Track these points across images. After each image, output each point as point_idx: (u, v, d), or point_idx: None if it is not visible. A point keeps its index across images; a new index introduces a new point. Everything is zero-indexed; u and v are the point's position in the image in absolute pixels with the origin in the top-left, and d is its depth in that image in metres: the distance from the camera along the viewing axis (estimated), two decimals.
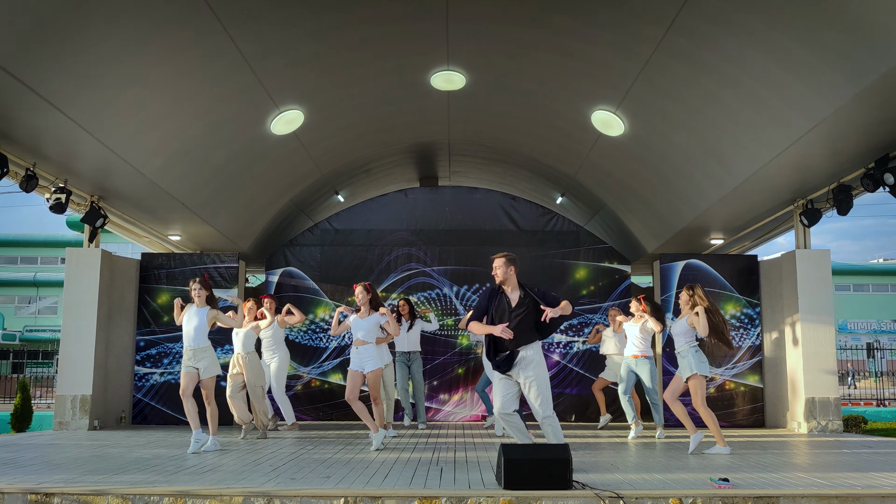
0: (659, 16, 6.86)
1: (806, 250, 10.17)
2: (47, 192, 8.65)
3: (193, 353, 7.71)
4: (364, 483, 5.43)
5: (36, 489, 5.08)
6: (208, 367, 7.74)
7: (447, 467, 6.33)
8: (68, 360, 10.04)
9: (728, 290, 10.94)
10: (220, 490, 5.08)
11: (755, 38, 6.56)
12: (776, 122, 7.44)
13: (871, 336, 39.88)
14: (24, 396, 13.17)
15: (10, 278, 43.33)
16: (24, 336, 38.69)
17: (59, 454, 7.31)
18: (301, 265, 12.21)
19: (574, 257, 12.30)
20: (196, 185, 9.62)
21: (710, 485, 5.29)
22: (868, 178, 8.01)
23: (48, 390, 24.10)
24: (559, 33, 7.76)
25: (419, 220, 12.48)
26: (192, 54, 7.22)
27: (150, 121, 7.86)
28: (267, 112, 8.90)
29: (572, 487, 5.13)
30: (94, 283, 10.13)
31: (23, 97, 6.37)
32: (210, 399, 7.80)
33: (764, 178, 8.62)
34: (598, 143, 9.99)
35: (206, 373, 7.73)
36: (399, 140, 11.19)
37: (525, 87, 9.23)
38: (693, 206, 10.08)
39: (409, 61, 8.71)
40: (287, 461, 6.69)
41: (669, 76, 7.78)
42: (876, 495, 5.04)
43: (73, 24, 5.93)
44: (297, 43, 7.79)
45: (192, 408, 7.71)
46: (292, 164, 10.62)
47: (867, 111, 6.64)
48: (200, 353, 7.72)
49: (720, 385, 10.75)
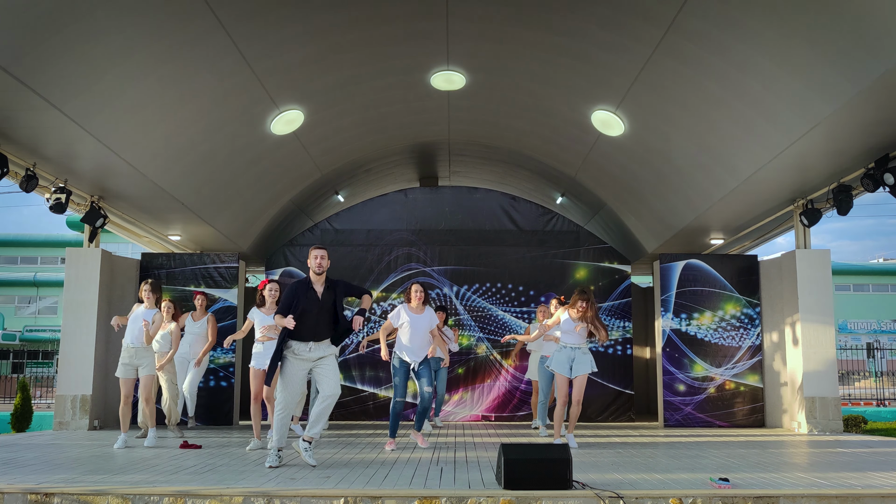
0: (659, 16, 6.86)
1: (806, 250, 10.17)
2: (47, 192, 8.65)
3: (135, 352, 7.96)
4: (364, 483, 5.43)
5: (36, 489, 5.08)
6: (148, 366, 8.08)
7: (447, 467, 6.33)
8: (68, 360, 10.04)
9: (728, 290, 10.95)
10: (220, 490, 5.08)
11: (755, 39, 6.56)
12: (776, 122, 7.44)
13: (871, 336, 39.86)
14: (24, 396, 13.18)
15: (10, 278, 43.31)
16: (24, 336, 38.69)
17: (59, 454, 7.31)
18: (301, 265, 12.21)
19: (574, 257, 12.31)
20: (196, 186, 9.62)
21: (710, 485, 5.29)
22: (868, 178, 8.01)
23: (48, 390, 24.09)
24: (559, 33, 7.76)
25: (419, 220, 12.48)
26: (192, 54, 7.22)
27: (150, 121, 7.86)
28: (267, 112, 8.90)
29: (572, 487, 5.13)
30: (94, 283, 10.13)
31: (23, 97, 6.37)
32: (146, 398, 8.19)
33: (764, 178, 8.62)
34: (598, 143, 10.00)
35: (145, 371, 8.05)
36: (399, 140, 11.20)
37: (525, 87, 9.23)
38: (693, 206, 10.09)
39: (409, 61, 8.71)
40: (287, 461, 6.69)
41: (669, 76, 7.78)
42: (876, 495, 5.04)
43: (73, 25, 5.93)
44: (297, 43, 7.79)
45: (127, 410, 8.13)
46: (292, 164, 10.62)
47: (867, 111, 6.64)
48: (142, 352, 8.00)
49: (720, 385, 10.75)
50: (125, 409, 8.06)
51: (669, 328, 10.92)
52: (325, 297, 6.49)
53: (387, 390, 11.78)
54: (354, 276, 12.11)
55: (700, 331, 10.89)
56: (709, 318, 10.92)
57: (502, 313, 12.10)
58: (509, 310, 12.11)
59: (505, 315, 12.10)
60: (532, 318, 11.97)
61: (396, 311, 7.84)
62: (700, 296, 10.96)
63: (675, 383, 10.78)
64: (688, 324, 10.91)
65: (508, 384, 11.94)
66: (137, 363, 7.98)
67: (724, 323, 10.90)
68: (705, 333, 10.89)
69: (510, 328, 12.05)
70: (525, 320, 12.06)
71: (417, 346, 7.73)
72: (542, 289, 12.13)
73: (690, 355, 10.82)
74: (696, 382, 10.77)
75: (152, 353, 8.17)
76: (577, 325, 7.87)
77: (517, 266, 12.23)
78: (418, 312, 7.80)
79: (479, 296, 12.13)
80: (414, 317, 7.75)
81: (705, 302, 10.94)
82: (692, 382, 10.77)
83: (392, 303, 12.08)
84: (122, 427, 8.03)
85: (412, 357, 7.70)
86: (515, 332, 11.86)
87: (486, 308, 12.09)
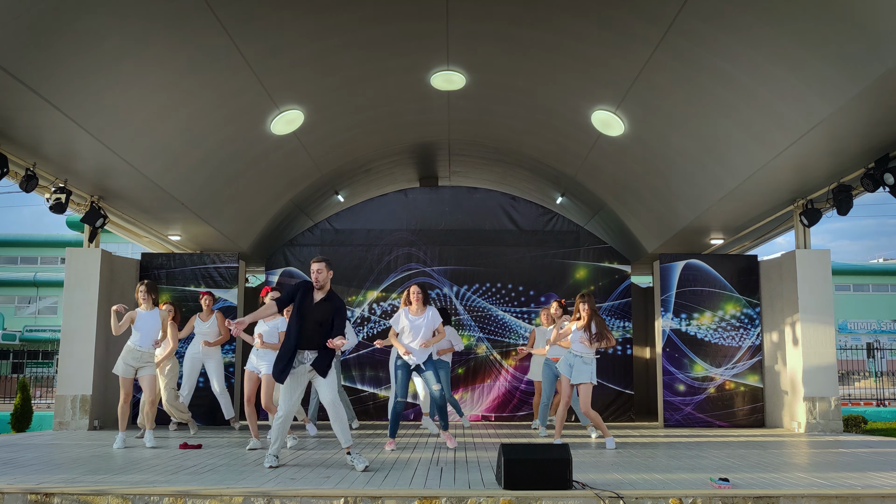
0: (659, 16, 6.86)
1: (806, 250, 10.17)
2: (47, 192, 8.65)
3: (140, 355, 7.96)
4: (364, 483, 5.43)
5: (36, 489, 5.08)
6: (150, 367, 8.11)
7: (447, 467, 6.33)
8: (68, 360, 10.04)
9: (728, 290, 10.95)
10: (220, 490, 5.08)
11: (755, 38, 6.56)
12: (776, 122, 7.44)
13: (871, 336, 39.84)
14: (24, 396, 13.18)
15: (10, 278, 43.31)
16: (24, 336, 38.68)
17: (59, 454, 7.31)
18: (301, 265, 12.21)
19: (574, 257, 12.31)
20: (196, 185, 9.62)
21: (710, 485, 5.29)
22: (868, 178, 8.01)
23: (48, 390, 24.08)
24: (559, 33, 7.76)
25: (419, 220, 12.48)
26: (192, 54, 7.22)
27: (150, 121, 7.86)
28: (267, 112, 8.90)
29: (572, 487, 5.13)
30: (94, 283, 10.13)
31: (23, 97, 6.37)
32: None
33: (764, 178, 8.62)
34: (598, 143, 10.00)
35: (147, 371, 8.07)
36: (399, 140, 11.19)
37: (525, 87, 9.23)
38: (693, 206, 10.08)
39: (409, 61, 8.71)
40: (287, 461, 6.69)
41: (669, 76, 7.78)
42: (876, 495, 5.04)
43: (73, 24, 5.93)
44: (297, 43, 7.79)
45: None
46: (292, 164, 10.62)
47: (867, 111, 6.64)
48: (147, 356, 8.01)
49: (720, 385, 10.75)
50: (125, 408, 8.06)
51: (669, 328, 10.92)
52: (320, 307, 6.44)
53: (387, 390, 11.78)
54: (354, 277, 12.12)
55: (700, 331, 10.89)
56: (709, 318, 10.92)
57: (502, 313, 12.10)
58: (509, 310, 12.11)
59: (505, 315, 12.10)
60: (532, 319, 11.98)
61: (396, 316, 7.89)
62: (700, 296, 10.96)
63: (675, 383, 10.78)
64: (688, 324, 10.91)
65: (508, 384, 11.94)
66: (140, 365, 7.97)
67: (724, 323, 10.90)
68: (705, 333, 10.89)
69: (510, 328, 12.05)
70: (525, 320, 12.07)
71: (418, 347, 7.75)
72: (542, 289, 12.13)
73: (690, 355, 10.82)
74: (696, 382, 10.77)
75: (154, 356, 8.19)
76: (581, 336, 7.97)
77: (517, 266, 12.23)
78: (418, 314, 7.82)
79: (479, 296, 12.13)
80: (413, 319, 7.78)
81: (705, 302, 10.94)
82: (692, 382, 10.77)
83: (392, 303, 12.09)
84: (121, 426, 8.03)
85: (416, 358, 7.71)
86: (515, 332, 11.92)
87: (486, 308, 12.09)
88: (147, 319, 8.00)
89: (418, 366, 7.73)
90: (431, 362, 7.80)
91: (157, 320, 8.02)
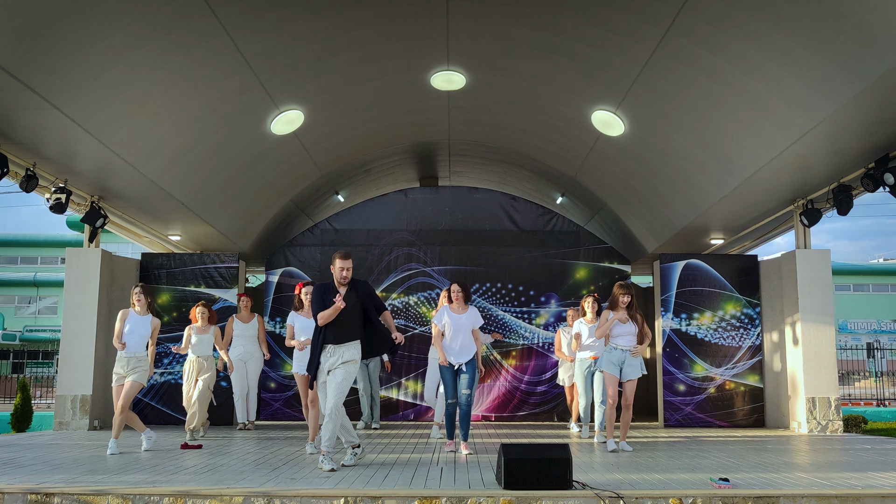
0: (659, 16, 6.86)
1: (806, 250, 10.17)
2: (47, 192, 8.65)
3: (136, 361, 7.71)
4: (364, 483, 5.43)
5: (36, 489, 5.08)
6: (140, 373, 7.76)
7: (447, 467, 6.33)
8: (68, 360, 10.04)
9: (728, 290, 10.94)
10: (220, 490, 5.08)
11: (755, 38, 6.56)
12: (776, 122, 7.44)
13: (871, 336, 39.84)
14: (24, 396, 13.19)
15: (10, 278, 43.32)
16: (24, 336, 38.68)
17: (59, 454, 7.31)
18: (301, 265, 12.20)
19: (574, 257, 12.30)
20: (196, 185, 9.62)
21: (710, 485, 5.29)
22: (868, 178, 8.01)
23: (48, 390, 24.08)
24: (559, 33, 7.76)
25: (419, 220, 12.48)
26: (192, 54, 7.22)
27: (150, 121, 7.86)
28: (267, 112, 8.90)
29: (572, 487, 5.13)
30: (94, 283, 10.13)
31: (23, 97, 6.37)
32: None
33: (764, 178, 8.62)
34: (598, 143, 10.00)
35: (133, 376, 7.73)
36: (399, 140, 11.19)
37: (525, 88, 9.23)
38: (693, 206, 10.08)
39: (409, 61, 8.71)
40: (287, 461, 6.69)
41: (669, 76, 7.78)
42: (876, 495, 5.04)
43: (72, 24, 5.93)
44: (297, 43, 7.79)
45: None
46: (292, 164, 10.62)
47: (867, 111, 6.64)
48: (139, 362, 7.73)
49: (720, 385, 10.75)
50: (119, 418, 7.65)
51: (669, 328, 10.92)
52: (347, 298, 6.42)
53: (387, 390, 11.78)
54: (354, 277, 12.09)
55: (700, 331, 10.89)
56: (709, 318, 10.92)
57: (502, 313, 12.10)
58: (509, 310, 12.11)
59: (505, 315, 12.09)
60: (532, 319, 11.97)
61: (439, 314, 7.79)
62: (700, 296, 10.96)
63: (675, 383, 10.78)
64: (688, 324, 10.91)
65: (508, 384, 11.93)
66: (129, 370, 7.66)
67: (724, 323, 10.90)
68: (705, 333, 10.89)
69: (510, 328, 12.05)
70: (525, 320, 12.06)
71: (460, 347, 7.63)
72: (542, 289, 12.13)
73: (690, 355, 10.82)
74: (697, 382, 10.76)
75: (146, 362, 7.83)
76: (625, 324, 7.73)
77: (517, 266, 12.22)
78: (460, 312, 7.74)
79: (479, 296, 12.12)
80: (455, 317, 7.69)
81: (705, 302, 10.94)
82: (692, 382, 10.77)
83: (392, 303, 12.08)
84: (114, 433, 7.63)
85: (456, 358, 7.61)
86: (515, 332, 11.91)
87: (486, 308, 12.09)
88: (138, 322, 7.76)
89: (460, 366, 7.62)
90: (472, 365, 7.66)
91: (147, 328, 7.77)
